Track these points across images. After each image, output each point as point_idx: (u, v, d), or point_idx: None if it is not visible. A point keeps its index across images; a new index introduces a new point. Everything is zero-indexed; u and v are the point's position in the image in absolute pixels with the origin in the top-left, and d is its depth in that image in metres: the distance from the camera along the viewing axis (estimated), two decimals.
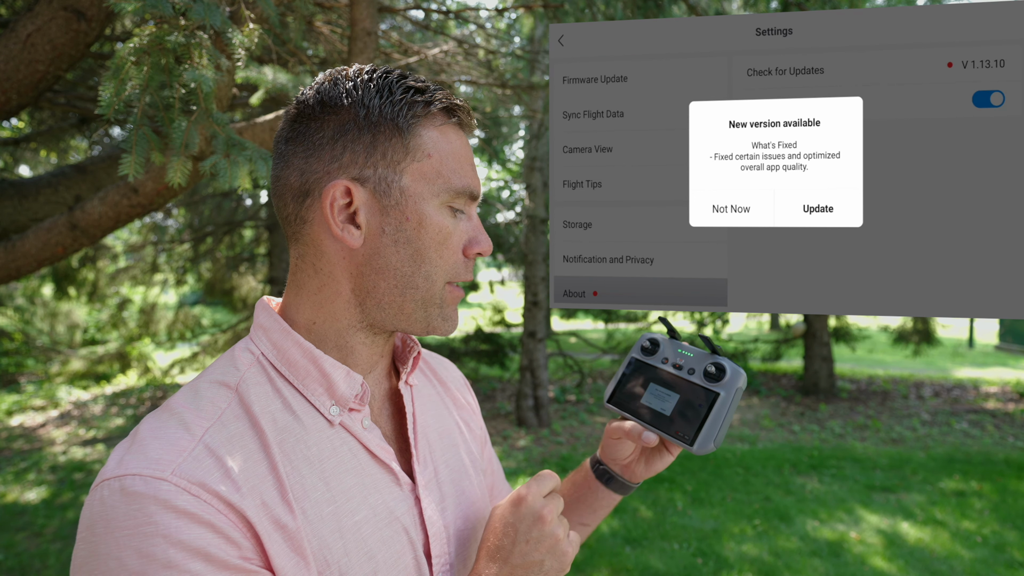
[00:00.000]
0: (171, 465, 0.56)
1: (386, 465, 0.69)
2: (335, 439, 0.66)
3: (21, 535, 4.20)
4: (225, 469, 0.58)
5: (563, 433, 6.69)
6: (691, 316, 9.98)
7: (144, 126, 1.25)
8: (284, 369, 0.67)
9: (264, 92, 1.83)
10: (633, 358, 0.87)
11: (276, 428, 0.63)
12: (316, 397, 0.66)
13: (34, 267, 1.94)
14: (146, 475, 0.55)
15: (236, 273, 8.28)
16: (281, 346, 0.67)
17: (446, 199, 0.67)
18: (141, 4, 1.19)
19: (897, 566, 3.74)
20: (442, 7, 4.15)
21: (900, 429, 6.75)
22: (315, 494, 0.63)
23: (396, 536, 0.67)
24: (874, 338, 10.91)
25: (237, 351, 0.68)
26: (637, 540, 4.11)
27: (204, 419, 0.60)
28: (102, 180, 2.71)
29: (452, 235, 0.68)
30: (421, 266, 0.67)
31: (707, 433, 0.75)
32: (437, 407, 0.83)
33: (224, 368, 0.66)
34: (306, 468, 0.63)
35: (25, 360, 9.55)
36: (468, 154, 0.71)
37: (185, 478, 0.55)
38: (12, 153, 5.65)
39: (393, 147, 0.65)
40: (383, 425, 0.73)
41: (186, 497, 0.55)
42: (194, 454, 0.57)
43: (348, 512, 0.64)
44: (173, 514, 0.54)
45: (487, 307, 10.06)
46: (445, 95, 0.68)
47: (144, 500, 0.54)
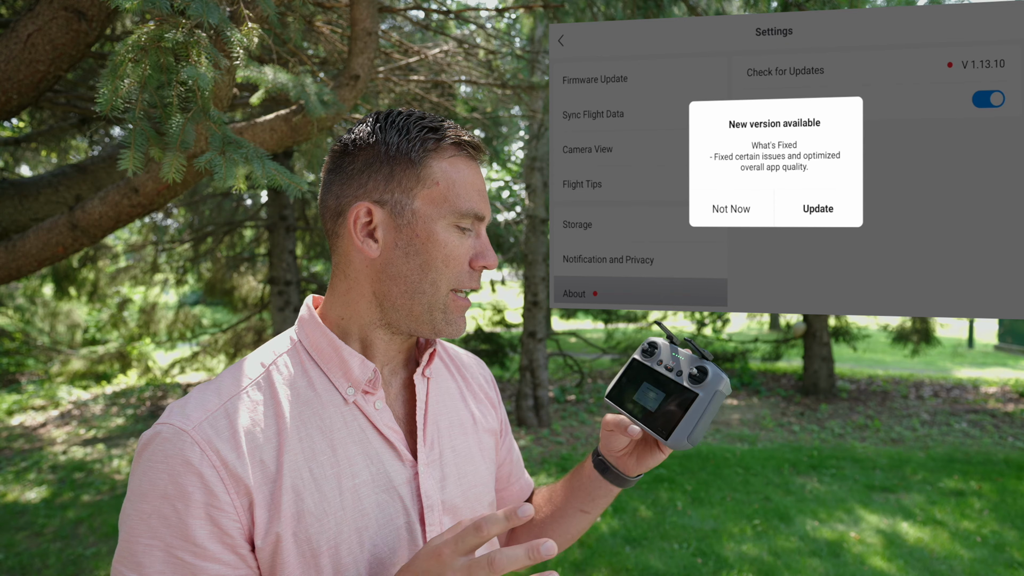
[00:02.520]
0: (195, 421, 0.71)
1: (390, 442, 0.80)
2: (347, 415, 0.79)
3: (21, 535, 4.20)
4: (234, 431, 0.71)
5: (563, 433, 6.69)
6: (692, 316, 9.98)
7: (143, 122, 1.25)
8: (314, 354, 0.80)
9: (264, 92, 1.83)
10: (634, 359, 0.92)
11: (298, 401, 0.77)
12: (336, 379, 0.79)
13: (34, 267, 1.94)
14: (176, 426, 0.70)
15: (236, 273, 8.27)
16: (312, 335, 0.81)
17: (453, 220, 0.79)
18: (140, 2, 1.19)
19: (897, 566, 3.74)
20: (442, 7, 4.15)
21: (900, 429, 6.75)
22: (322, 457, 0.75)
23: (391, 502, 0.78)
24: (874, 338, 10.91)
25: (282, 336, 0.84)
26: (637, 540, 4.11)
27: (234, 387, 0.75)
28: (102, 180, 2.71)
29: (457, 249, 0.79)
30: (428, 274, 0.78)
31: (681, 429, 0.80)
32: (454, 399, 0.93)
33: (267, 349, 0.82)
34: (318, 436, 0.76)
35: (25, 360, 9.55)
36: (475, 181, 0.81)
37: (201, 435, 0.70)
38: (12, 153, 5.65)
39: (407, 176, 0.78)
40: (397, 410, 0.84)
41: (195, 450, 0.69)
42: (215, 415, 0.72)
43: (349, 475, 0.76)
44: (180, 460, 0.69)
45: (487, 307, 10.06)
46: (455, 132, 0.80)
47: (168, 443, 0.69)
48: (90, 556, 3.87)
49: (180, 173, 1.27)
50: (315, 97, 1.75)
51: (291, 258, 6.85)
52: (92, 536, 4.17)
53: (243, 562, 0.70)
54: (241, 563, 0.70)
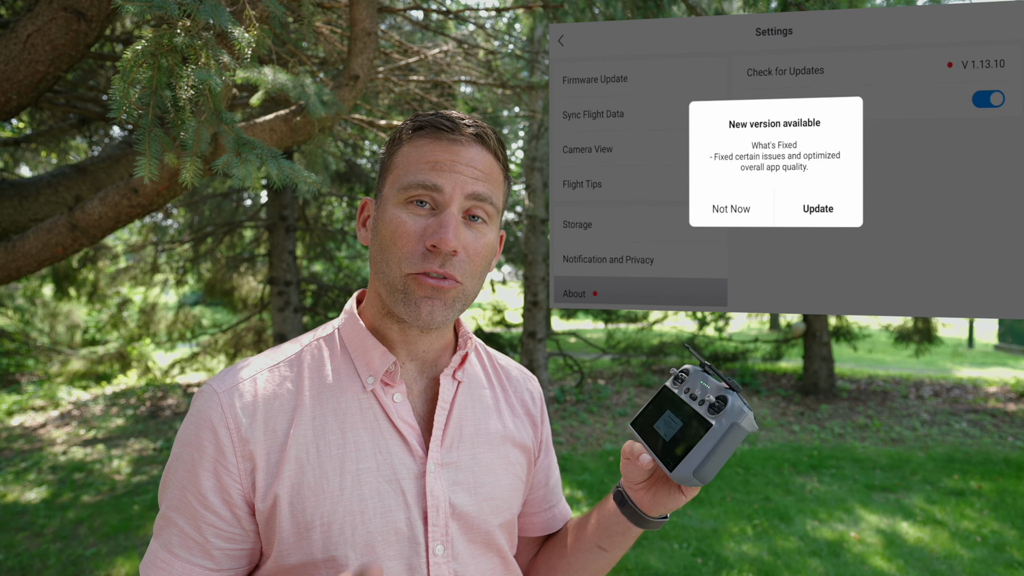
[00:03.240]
0: (227, 384, 0.78)
1: (403, 435, 0.80)
2: (364, 402, 0.80)
3: (21, 535, 4.20)
4: (254, 398, 0.77)
5: (563, 433, 6.69)
6: (693, 315, 9.98)
7: (155, 128, 1.25)
8: (347, 342, 0.84)
9: (264, 93, 1.83)
10: (664, 386, 0.88)
11: (320, 382, 0.80)
12: (360, 367, 0.82)
13: (34, 267, 1.94)
14: (215, 386, 0.78)
15: (236, 273, 8.27)
16: (347, 325, 0.85)
17: (402, 196, 0.78)
18: (145, 4, 1.19)
19: (897, 566, 3.74)
20: (442, 7, 4.15)
21: (900, 429, 6.75)
22: (331, 437, 0.77)
23: (392, 493, 0.78)
24: (874, 338, 10.91)
25: (327, 325, 0.89)
26: (637, 540, 4.11)
27: (269, 361, 0.81)
28: (102, 180, 2.71)
29: (405, 225, 0.77)
30: (383, 254, 0.79)
31: (689, 461, 0.74)
32: (487, 408, 0.90)
33: (311, 333, 0.87)
34: (331, 416, 0.78)
35: (25, 360, 9.54)
36: (437, 154, 0.78)
37: (227, 398, 0.76)
38: (12, 153, 5.65)
39: (386, 168, 0.83)
40: (419, 408, 0.84)
41: (218, 411, 0.75)
42: (245, 383, 0.78)
43: (354, 459, 0.77)
44: (204, 416, 0.76)
45: (487, 307, 10.06)
46: (435, 117, 0.80)
47: (203, 399, 0.77)
48: (90, 556, 3.87)
49: (199, 177, 1.28)
50: (315, 97, 1.75)
51: (291, 258, 6.85)
52: (92, 536, 4.16)
53: (238, 522, 0.75)
54: (236, 522, 0.75)
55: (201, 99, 1.27)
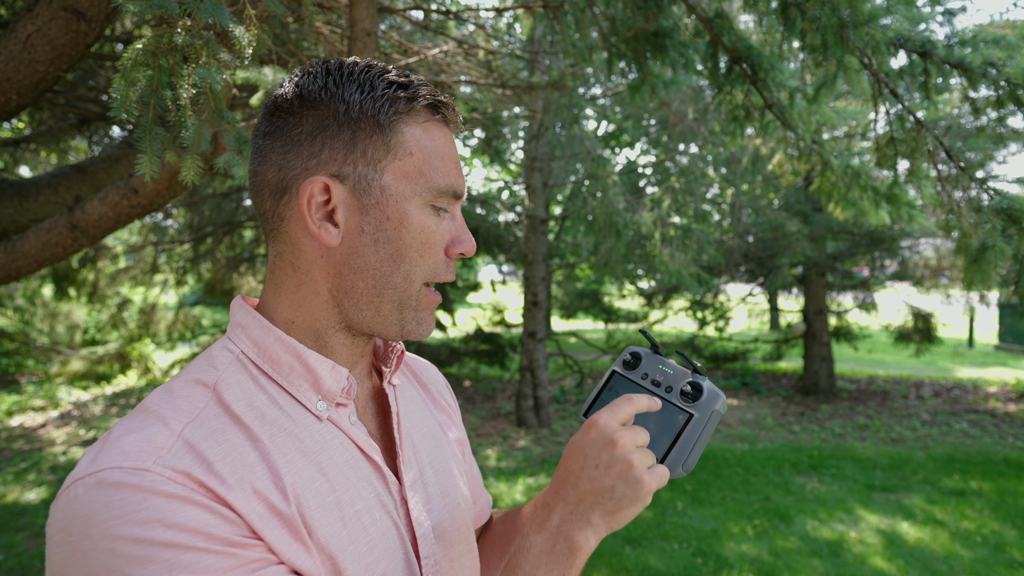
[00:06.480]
0: (152, 456, 0.53)
1: (374, 462, 0.68)
2: (325, 434, 0.65)
3: (21, 535, 4.20)
4: (207, 463, 0.55)
5: (563, 433, 6.69)
6: (693, 315, 9.96)
7: (156, 127, 1.25)
8: (267, 367, 0.65)
9: (264, 93, 1.83)
10: (614, 371, 0.79)
11: (265, 423, 0.62)
12: (302, 393, 0.65)
13: (34, 267, 1.94)
14: (126, 467, 0.52)
15: (236, 273, 8.27)
16: (262, 343, 0.66)
17: (429, 198, 0.66)
18: (145, 4, 1.19)
19: (897, 566, 3.74)
20: (442, 7, 4.15)
21: (900, 429, 6.75)
22: (315, 484, 0.61)
23: (390, 530, 0.67)
24: (874, 338, 10.91)
25: (215, 350, 0.66)
26: (637, 540, 4.11)
27: (182, 416, 0.58)
28: (102, 180, 2.71)
29: (435, 234, 0.66)
30: (400, 266, 0.65)
31: (676, 455, 0.68)
32: (420, 409, 0.81)
33: (201, 367, 0.64)
34: (301, 460, 0.62)
35: (25, 360, 9.55)
36: (452, 152, 0.68)
37: (169, 467, 0.53)
38: (12, 153, 5.65)
39: (374, 144, 0.63)
40: (368, 424, 0.72)
41: (172, 484, 0.52)
42: (174, 449, 0.55)
43: (349, 501, 0.64)
44: (164, 498, 0.51)
45: (487, 307, 10.05)
46: (429, 91, 0.66)
47: (128, 489, 0.51)
48: None
49: (199, 176, 1.28)
50: None
51: None
52: None
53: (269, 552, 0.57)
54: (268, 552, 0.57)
55: (202, 98, 1.27)
